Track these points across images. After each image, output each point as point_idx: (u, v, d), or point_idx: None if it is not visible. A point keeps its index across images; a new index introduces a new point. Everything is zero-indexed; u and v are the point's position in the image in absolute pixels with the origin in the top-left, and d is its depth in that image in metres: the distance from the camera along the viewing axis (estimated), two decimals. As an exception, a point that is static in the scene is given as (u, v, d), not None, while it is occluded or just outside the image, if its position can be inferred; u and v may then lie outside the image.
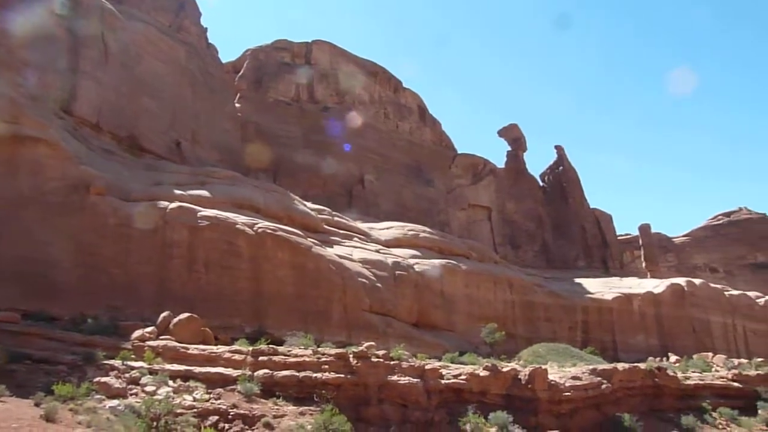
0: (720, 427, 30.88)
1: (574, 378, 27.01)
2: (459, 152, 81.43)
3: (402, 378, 22.03)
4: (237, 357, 21.94)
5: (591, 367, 29.94)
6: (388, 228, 51.63)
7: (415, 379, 22.22)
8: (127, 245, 31.98)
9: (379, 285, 39.93)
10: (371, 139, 68.65)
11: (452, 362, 29.14)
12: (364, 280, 39.02)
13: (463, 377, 24.16)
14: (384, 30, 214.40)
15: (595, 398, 27.13)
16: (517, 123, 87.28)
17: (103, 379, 18.80)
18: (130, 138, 42.25)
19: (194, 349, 22.65)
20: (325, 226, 44.76)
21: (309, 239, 38.56)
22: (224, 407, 18.28)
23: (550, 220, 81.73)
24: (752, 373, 39.62)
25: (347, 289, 37.49)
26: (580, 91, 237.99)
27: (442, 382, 23.40)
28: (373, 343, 25.40)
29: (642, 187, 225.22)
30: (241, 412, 18.36)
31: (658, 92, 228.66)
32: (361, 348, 23.28)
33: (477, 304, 47.82)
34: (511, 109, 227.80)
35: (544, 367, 27.18)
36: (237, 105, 61.40)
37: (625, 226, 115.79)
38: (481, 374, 24.56)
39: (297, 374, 20.85)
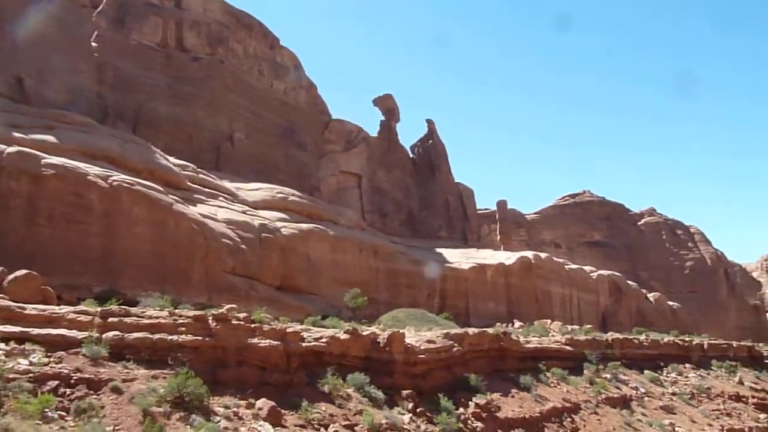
0: (552, 385, 34.45)
1: (429, 341, 28.51)
2: (333, 118, 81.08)
3: (262, 341, 21.82)
4: (83, 318, 20.28)
5: (445, 331, 31.79)
6: (256, 189, 50.37)
7: (276, 342, 22.12)
8: (-48, 191, 28.17)
9: (243, 247, 38.98)
10: (243, 95, 65.89)
11: (314, 325, 29.35)
12: (228, 241, 37.87)
13: (323, 340, 24.48)
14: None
15: (447, 360, 28.90)
16: (392, 94, 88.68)
17: None
18: (-41, 69, 36.86)
19: (32, 309, 20.56)
20: (189, 183, 42.67)
21: (170, 196, 36.52)
22: (66, 371, 16.88)
23: (417, 191, 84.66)
24: (582, 337, 44.66)
25: (210, 250, 36.18)
26: (457, 65, 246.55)
27: (303, 344, 23.53)
28: (234, 305, 24.81)
29: (505, 162, 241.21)
30: (86, 376, 17.09)
31: (537, 64, 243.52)
32: (221, 310, 22.64)
33: (342, 269, 48.50)
34: (387, 80, 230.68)
35: (401, 331, 28.35)
36: (94, 44, 55.69)
37: (485, 201, 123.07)
38: (342, 337, 25.07)
39: (151, 336, 19.77)
